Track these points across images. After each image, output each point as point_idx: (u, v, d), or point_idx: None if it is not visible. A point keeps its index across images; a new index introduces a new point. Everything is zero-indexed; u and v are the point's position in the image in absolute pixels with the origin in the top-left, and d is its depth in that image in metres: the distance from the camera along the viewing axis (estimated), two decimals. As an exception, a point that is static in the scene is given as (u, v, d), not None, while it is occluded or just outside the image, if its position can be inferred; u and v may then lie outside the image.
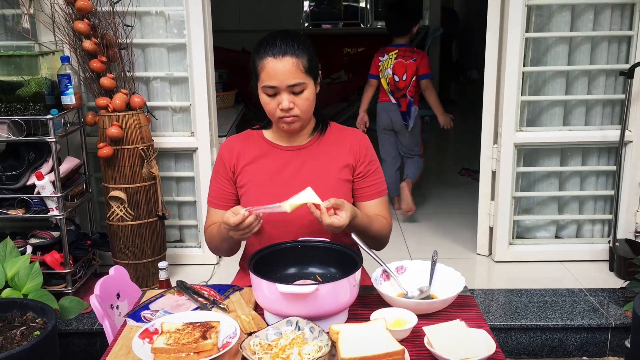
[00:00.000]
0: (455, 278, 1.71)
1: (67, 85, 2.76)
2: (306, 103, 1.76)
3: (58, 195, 2.72)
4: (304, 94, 1.75)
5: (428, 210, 4.29)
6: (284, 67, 1.70)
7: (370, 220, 1.82)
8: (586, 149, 3.20)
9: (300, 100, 1.75)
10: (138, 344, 1.41)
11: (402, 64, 3.84)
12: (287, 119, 1.76)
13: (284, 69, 1.70)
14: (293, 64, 1.71)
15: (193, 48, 3.04)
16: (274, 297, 1.49)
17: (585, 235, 3.32)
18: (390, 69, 3.88)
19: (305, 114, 1.79)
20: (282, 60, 1.70)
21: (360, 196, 1.91)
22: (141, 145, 2.87)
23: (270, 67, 1.71)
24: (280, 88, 1.72)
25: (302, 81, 1.73)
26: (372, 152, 1.94)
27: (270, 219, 1.84)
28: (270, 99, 1.75)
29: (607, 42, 3.05)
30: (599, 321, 2.62)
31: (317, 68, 1.79)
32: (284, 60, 1.70)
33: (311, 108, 1.80)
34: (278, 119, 1.78)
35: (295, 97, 1.74)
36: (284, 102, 1.73)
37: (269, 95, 1.75)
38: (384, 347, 1.34)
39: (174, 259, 3.26)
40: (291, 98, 1.74)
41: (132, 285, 2.08)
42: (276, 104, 1.75)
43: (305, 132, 1.89)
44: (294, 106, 1.74)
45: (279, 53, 1.71)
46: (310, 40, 1.79)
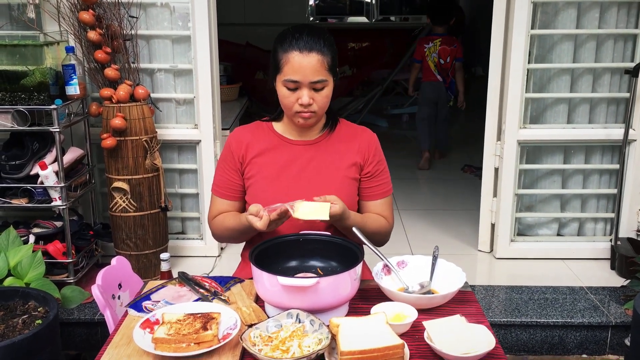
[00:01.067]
0: (456, 274, 1.71)
1: (71, 75, 2.77)
2: (325, 100, 1.77)
3: (61, 185, 2.72)
4: (324, 91, 1.75)
5: (430, 205, 4.29)
6: (309, 62, 1.70)
7: (364, 219, 1.83)
8: (589, 147, 3.19)
9: (320, 97, 1.75)
10: (139, 334, 1.42)
11: (446, 50, 4.99)
12: (305, 114, 1.76)
13: (309, 64, 1.70)
14: (318, 60, 1.71)
15: (198, 40, 3.04)
16: (274, 290, 1.49)
17: (587, 233, 3.32)
18: (436, 54, 5.00)
19: (322, 111, 1.79)
20: (308, 56, 1.70)
21: (366, 195, 1.91)
22: (144, 136, 2.88)
23: (295, 62, 1.70)
24: (303, 83, 1.72)
25: (324, 78, 1.73)
26: (381, 151, 1.94)
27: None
28: (289, 92, 1.75)
29: (612, 40, 3.04)
30: (599, 319, 2.62)
31: (337, 65, 1.79)
32: (309, 56, 1.70)
33: (327, 105, 1.80)
34: (295, 113, 1.77)
35: (315, 93, 1.74)
36: (304, 97, 1.72)
37: (290, 89, 1.74)
38: (383, 341, 1.35)
39: (175, 251, 3.26)
40: (311, 94, 1.73)
41: (134, 275, 2.08)
42: (295, 98, 1.74)
43: (316, 127, 1.89)
44: (313, 102, 1.74)
45: (306, 48, 1.70)
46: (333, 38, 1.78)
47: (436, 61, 5.03)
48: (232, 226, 1.85)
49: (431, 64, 5.06)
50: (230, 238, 1.92)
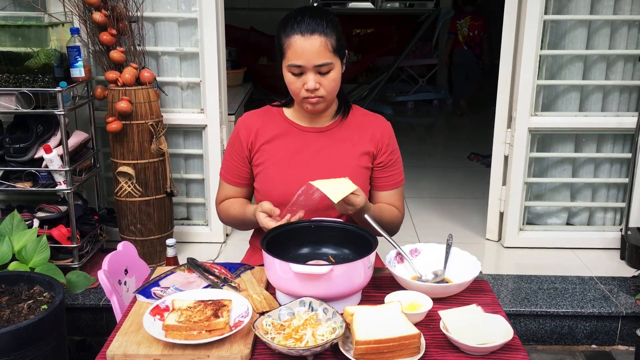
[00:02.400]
0: (470, 262, 1.68)
1: (76, 57, 2.72)
2: (332, 84, 1.71)
3: (66, 169, 2.69)
4: (331, 74, 1.70)
5: (437, 194, 4.25)
6: (311, 45, 1.65)
7: (381, 211, 1.80)
8: (601, 135, 3.15)
9: (327, 80, 1.70)
10: (149, 321, 1.39)
11: (474, 25, 6.39)
12: (312, 99, 1.71)
13: (311, 47, 1.65)
14: (321, 43, 1.65)
15: (204, 23, 2.99)
16: (287, 277, 1.46)
17: (596, 222, 3.29)
18: (467, 28, 6.40)
19: (331, 95, 1.74)
20: (310, 39, 1.65)
21: (378, 185, 1.87)
22: (150, 120, 2.83)
23: (297, 46, 1.65)
24: (307, 67, 1.67)
25: (329, 61, 1.67)
26: (395, 140, 1.89)
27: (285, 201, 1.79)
28: (295, 78, 1.70)
29: (627, 26, 2.99)
30: (610, 309, 2.59)
31: (344, 47, 1.73)
32: (312, 38, 1.65)
33: (337, 89, 1.75)
34: (302, 99, 1.73)
35: (322, 77, 1.69)
36: (310, 82, 1.68)
37: (294, 75, 1.69)
38: (399, 331, 1.32)
39: (180, 237, 3.23)
40: (317, 78, 1.68)
41: (140, 261, 2.06)
42: (301, 83, 1.69)
43: (328, 113, 1.84)
44: (319, 87, 1.69)
45: (307, 31, 1.65)
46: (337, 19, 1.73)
47: (465, 34, 6.41)
48: (236, 215, 1.85)
49: (460, 36, 6.45)
50: (234, 225, 1.93)
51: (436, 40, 7.39)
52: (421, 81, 7.22)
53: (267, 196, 1.81)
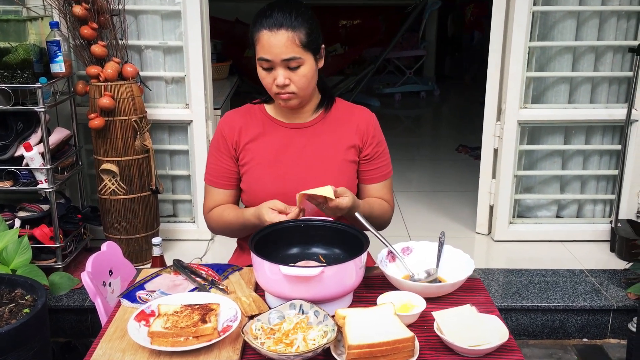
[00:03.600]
0: (463, 260, 1.64)
1: (56, 52, 2.65)
2: (303, 80, 1.66)
3: (47, 167, 2.62)
4: (301, 70, 1.65)
5: (425, 187, 4.22)
6: (278, 40, 1.60)
7: (371, 207, 1.76)
8: (590, 127, 3.13)
9: (297, 76, 1.65)
10: (134, 327, 1.35)
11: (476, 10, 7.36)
12: (283, 95, 1.67)
13: (278, 42, 1.60)
14: (288, 38, 1.61)
15: (188, 16, 2.92)
16: (276, 279, 1.42)
17: (586, 215, 3.28)
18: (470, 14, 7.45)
19: (303, 91, 1.69)
20: (277, 34, 1.60)
21: (366, 179, 1.83)
22: (134, 116, 2.77)
23: (265, 40, 1.61)
24: (275, 62, 1.63)
25: (297, 56, 1.63)
26: (380, 132, 1.85)
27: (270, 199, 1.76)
28: (266, 73, 1.66)
29: (615, 17, 2.96)
30: (601, 303, 2.58)
31: (318, 42, 1.68)
32: (279, 33, 1.60)
33: (309, 85, 1.70)
34: (275, 95, 1.70)
35: (292, 72, 1.65)
36: (279, 77, 1.64)
37: (265, 69, 1.66)
38: (393, 334, 1.28)
39: (166, 234, 3.18)
40: (287, 74, 1.64)
41: (125, 261, 2.00)
42: (272, 78, 1.66)
43: (309, 108, 1.80)
44: (290, 82, 1.65)
45: (275, 25, 1.60)
46: (311, 12, 1.68)
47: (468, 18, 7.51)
48: (231, 219, 1.77)
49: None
50: (229, 233, 1.84)
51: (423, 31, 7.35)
52: (408, 73, 7.18)
53: (254, 196, 1.77)
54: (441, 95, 7.41)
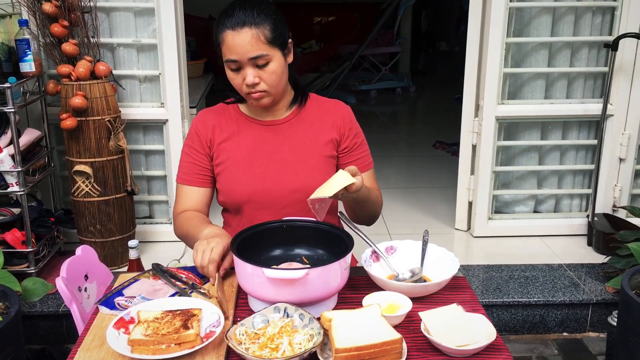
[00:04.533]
0: (448, 259, 1.63)
1: (25, 51, 2.57)
2: (273, 76, 1.63)
3: (18, 169, 2.55)
4: (270, 66, 1.61)
5: (403, 184, 4.22)
6: (242, 39, 1.56)
7: (369, 190, 1.72)
8: (567, 122, 3.15)
9: (266, 74, 1.62)
10: (113, 335, 1.30)
11: None
12: (254, 94, 1.64)
13: (242, 41, 1.56)
14: (253, 35, 1.57)
15: (162, 12, 2.87)
16: (259, 282, 1.38)
17: (563, 209, 3.30)
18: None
19: (274, 88, 1.66)
20: (241, 32, 1.56)
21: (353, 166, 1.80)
22: (107, 116, 2.71)
23: (229, 41, 1.57)
24: (242, 62, 1.59)
25: (264, 53, 1.59)
26: (357, 124, 1.83)
27: (250, 200, 1.73)
28: (234, 74, 1.63)
29: (590, 13, 2.98)
30: (580, 297, 2.60)
31: (284, 36, 1.64)
32: (242, 32, 1.56)
33: (280, 81, 1.66)
34: (245, 95, 1.66)
35: (260, 70, 1.61)
36: (249, 77, 1.60)
37: (233, 70, 1.62)
38: (380, 336, 1.26)
39: (143, 236, 3.12)
40: (256, 72, 1.61)
41: (101, 265, 1.94)
42: (241, 79, 1.62)
43: (283, 105, 1.77)
44: (260, 81, 1.62)
45: (237, 24, 1.56)
46: (274, 6, 1.64)
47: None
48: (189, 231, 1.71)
49: None
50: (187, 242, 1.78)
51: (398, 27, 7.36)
52: (384, 69, 7.19)
53: (230, 196, 1.74)
54: (416, 91, 7.43)
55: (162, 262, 1.71)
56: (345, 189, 1.51)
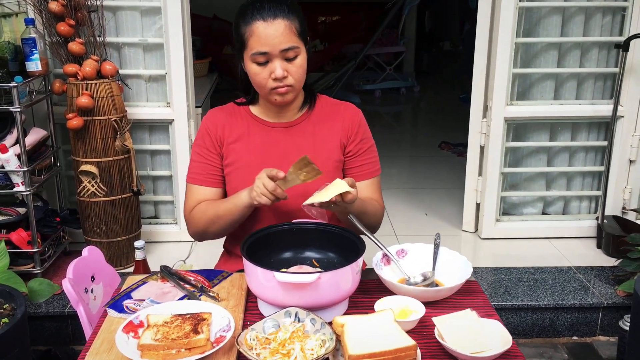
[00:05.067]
0: (460, 263, 1.60)
1: (32, 50, 2.56)
2: (300, 71, 1.62)
3: (24, 169, 2.53)
4: (298, 60, 1.60)
5: (409, 185, 4.19)
6: (276, 30, 1.55)
7: (364, 204, 1.69)
8: (576, 124, 3.12)
9: (294, 67, 1.60)
10: (122, 339, 1.28)
11: None
12: (281, 89, 1.61)
13: (276, 32, 1.55)
14: (286, 26, 1.56)
15: (169, 11, 2.84)
16: (270, 286, 1.36)
17: (572, 211, 3.27)
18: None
19: (299, 84, 1.64)
20: (274, 23, 1.55)
21: (350, 176, 1.77)
22: (114, 116, 2.69)
23: (260, 32, 1.55)
24: (273, 54, 1.57)
25: (295, 45, 1.58)
26: (365, 129, 1.80)
27: None
28: (260, 68, 1.59)
29: (601, 13, 2.96)
30: (590, 301, 2.57)
31: (307, 32, 1.64)
32: (275, 22, 1.55)
33: (304, 77, 1.65)
34: (270, 91, 1.62)
35: (289, 64, 1.59)
36: (278, 70, 1.57)
37: (260, 64, 1.59)
38: (394, 343, 1.23)
39: (148, 236, 3.10)
40: (284, 65, 1.58)
41: (108, 266, 1.93)
42: (268, 73, 1.59)
43: (295, 106, 1.74)
44: (287, 74, 1.59)
45: (270, 16, 1.55)
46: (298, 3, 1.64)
47: None
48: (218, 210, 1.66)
49: None
50: (216, 230, 1.71)
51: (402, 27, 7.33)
52: (388, 69, 7.15)
53: None
54: (421, 91, 7.40)
55: (167, 263, 1.69)
56: (341, 197, 1.49)
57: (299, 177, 1.51)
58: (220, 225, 1.68)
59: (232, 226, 1.69)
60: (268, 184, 1.51)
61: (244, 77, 1.71)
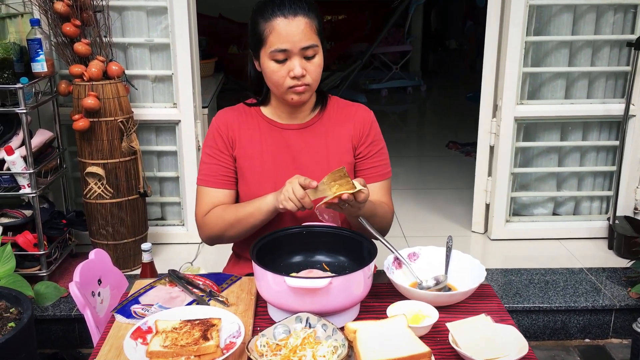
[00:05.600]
0: (473, 266, 1.57)
1: (37, 51, 2.54)
2: (318, 70, 1.59)
3: (30, 171, 2.51)
4: (316, 59, 1.57)
5: (417, 185, 4.16)
6: (297, 27, 1.52)
7: (374, 206, 1.65)
8: (587, 123, 3.08)
9: (313, 66, 1.57)
10: (130, 346, 1.25)
11: None
12: (299, 87, 1.58)
13: (297, 29, 1.52)
14: (306, 23, 1.53)
15: (175, 11, 2.82)
16: (280, 290, 1.34)
17: (583, 212, 3.23)
18: None
19: (316, 83, 1.62)
20: (295, 20, 1.52)
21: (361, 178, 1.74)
22: (120, 117, 2.67)
23: (281, 28, 1.52)
24: (293, 52, 1.54)
25: (315, 43, 1.55)
26: (377, 130, 1.77)
27: None
28: (279, 66, 1.56)
29: (612, 11, 2.92)
30: (603, 303, 2.54)
31: (323, 31, 1.61)
32: (296, 19, 1.52)
33: (319, 77, 1.62)
34: (287, 90, 1.59)
35: (307, 62, 1.56)
36: (297, 68, 1.54)
37: (278, 62, 1.56)
38: (408, 349, 1.21)
39: (155, 238, 3.08)
40: (303, 64, 1.55)
41: (115, 269, 1.91)
42: (286, 71, 1.56)
43: (307, 107, 1.71)
44: (305, 73, 1.56)
45: (290, 13, 1.52)
46: None
47: None
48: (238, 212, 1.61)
49: None
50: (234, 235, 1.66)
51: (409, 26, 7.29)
52: (395, 68, 7.12)
53: None
54: (427, 90, 7.36)
55: (174, 265, 1.67)
56: (353, 196, 1.46)
57: (331, 188, 1.46)
58: (238, 229, 1.65)
59: (251, 231, 1.65)
60: (298, 191, 1.47)
61: (255, 77, 1.68)
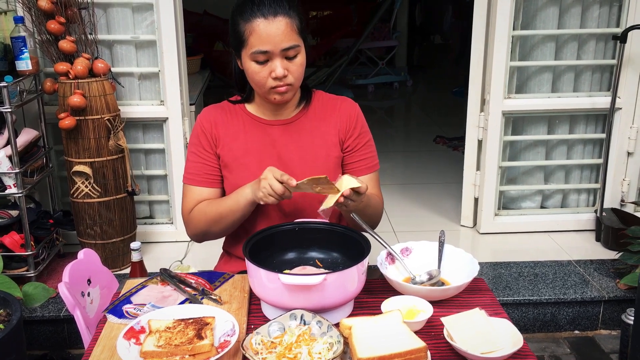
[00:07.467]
0: (466, 260, 1.59)
1: (21, 49, 2.50)
2: (300, 69, 1.58)
3: (16, 171, 2.48)
4: (298, 58, 1.56)
5: (405, 180, 4.17)
6: (277, 28, 1.51)
7: (368, 197, 1.65)
8: (574, 116, 3.10)
9: (294, 66, 1.56)
10: (123, 346, 1.24)
11: None
12: (281, 88, 1.57)
13: (277, 30, 1.51)
14: (287, 24, 1.52)
15: (161, 8, 2.79)
16: (274, 288, 1.33)
17: (570, 205, 3.26)
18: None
19: (298, 82, 1.61)
20: (275, 21, 1.51)
21: (349, 171, 1.74)
22: (107, 115, 2.64)
23: (261, 30, 1.51)
24: (274, 53, 1.53)
25: (296, 43, 1.54)
26: (363, 123, 1.76)
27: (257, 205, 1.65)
28: (260, 67, 1.55)
29: (598, 4, 2.93)
30: (591, 294, 2.56)
31: (306, 29, 1.60)
32: (276, 20, 1.51)
33: (303, 75, 1.61)
34: (269, 90, 1.58)
35: (289, 62, 1.55)
36: (278, 69, 1.53)
37: (259, 63, 1.55)
38: (403, 345, 1.20)
39: (144, 237, 3.05)
40: (284, 64, 1.54)
41: (104, 269, 1.89)
42: (267, 72, 1.55)
43: (292, 103, 1.70)
44: (287, 73, 1.55)
45: (270, 13, 1.51)
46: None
47: None
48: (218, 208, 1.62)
49: None
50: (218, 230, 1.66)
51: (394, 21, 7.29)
52: (381, 63, 7.12)
53: None
54: (414, 85, 7.37)
55: (164, 263, 1.66)
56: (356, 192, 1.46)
57: (313, 189, 1.46)
58: (222, 224, 1.64)
59: (235, 225, 1.65)
60: (277, 188, 1.47)
61: (238, 74, 1.67)
